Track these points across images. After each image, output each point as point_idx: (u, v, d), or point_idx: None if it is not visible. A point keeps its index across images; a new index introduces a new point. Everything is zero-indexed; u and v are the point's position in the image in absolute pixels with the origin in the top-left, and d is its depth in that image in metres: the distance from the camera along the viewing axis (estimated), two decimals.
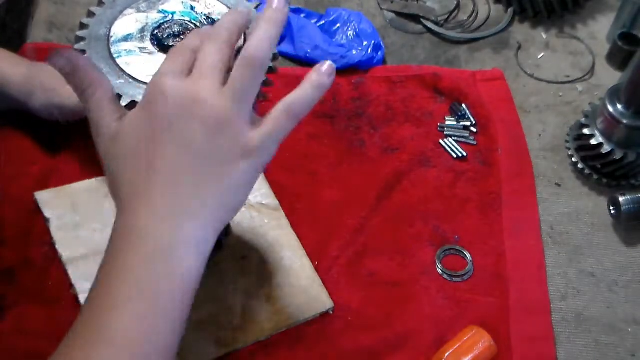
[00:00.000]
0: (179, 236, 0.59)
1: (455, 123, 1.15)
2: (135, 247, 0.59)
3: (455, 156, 1.11)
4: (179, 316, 0.60)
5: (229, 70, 0.61)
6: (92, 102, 0.62)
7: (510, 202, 1.07)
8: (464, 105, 1.17)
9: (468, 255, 1.00)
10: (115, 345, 0.57)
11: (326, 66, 0.63)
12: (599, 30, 1.32)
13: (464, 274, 0.99)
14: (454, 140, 1.13)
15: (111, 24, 0.67)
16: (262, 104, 0.70)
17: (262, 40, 0.60)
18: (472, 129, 1.15)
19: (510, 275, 0.99)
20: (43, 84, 0.97)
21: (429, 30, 1.31)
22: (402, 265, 1.00)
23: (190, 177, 0.59)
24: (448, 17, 1.34)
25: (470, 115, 1.16)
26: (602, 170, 1.08)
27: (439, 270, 0.99)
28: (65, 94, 0.97)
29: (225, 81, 0.60)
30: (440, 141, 1.13)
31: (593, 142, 1.06)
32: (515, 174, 1.10)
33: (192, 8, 0.70)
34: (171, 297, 0.59)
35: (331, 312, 0.94)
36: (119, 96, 0.63)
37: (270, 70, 0.67)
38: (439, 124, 1.15)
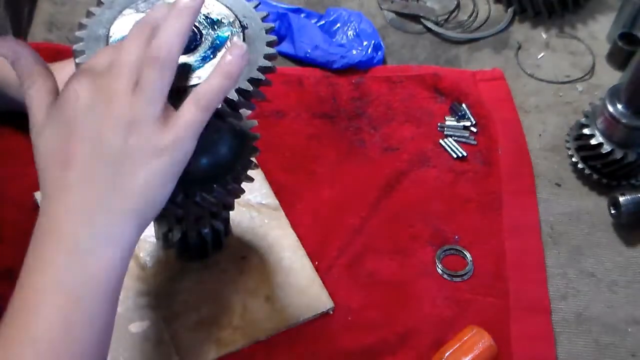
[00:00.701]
0: (92, 232, 0.59)
1: (455, 123, 1.15)
2: (50, 244, 0.59)
3: (455, 156, 1.11)
4: (103, 313, 0.60)
5: None
6: (28, 93, 0.63)
7: (510, 202, 1.07)
8: (464, 105, 1.17)
9: (468, 255, 1.00)
10: (36, 345, 0.57)
11: (235, 50, 0.60)
12: (599, 30, 1.32)
13: (464, 274, 0.99)
14: (454, 140, 1.13)
15: (110, 24, 0.67)
16: (260, 104, 0.70)
17: (167, 36, 0.58)
18: (472, 129, 1.15)
19: (510, 275, 0.99)
20: None
21: (429, 30, 1.30)
22: (402, 265, 1.00)
23: (102, 175, 0.59)
24: (448, 17, 1.34)
25: (470, 115, 1.16)
26: (602, 170, 1.08)
27: (439, 270, 0.99)
28: None
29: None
30: (440, 141, 1.13)
31: (593, 142, 1.06)
32: (515, 174, 1.10)
33: None
34: (90, 294, 0.59)
35: (331, 312, 0.94)
36: None
37: (269, 70, 0.67)
38: (438, 124, 1.15)
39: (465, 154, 1.11)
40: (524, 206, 1.07)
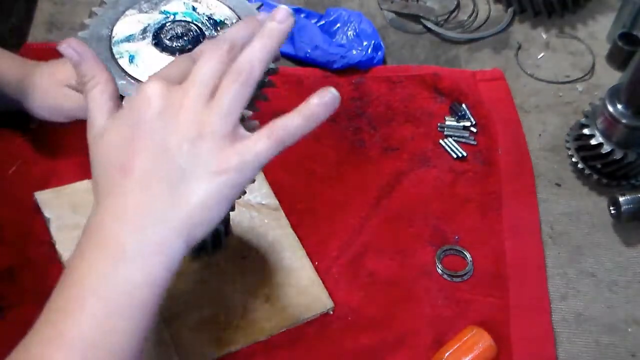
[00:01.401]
0: (141, 241, 0.58)
1: (455, 123, 1.15)
2: (98, 248, 0.58)
3: (455, 156, 1.11)
4: (140, 323, 0.59)
5: None
6: (90, 95, 0.62)
7: (510, 202, 1.07)
8: (464, 105, 1.17)
9: (468, 255, 1.00)
10: (70, 347, 0.56)
11: (325, 96, 0.59)
12: (599, 30, 1.32)
13: (464, 274, 0.99)
14: (454, 140, 1.13)
15: (113, 24, 0.67)
16: (261, 105, 0.70)
17: (256, 54, 0.57)
18: (472, 129, 1.15)
19: (510, 275, 0.99)
20: (39, 85, 0.97)
21: (429, 30, 1.30)
22: (402, 265, 1.00)
23: (161, 185, 0.57)
24: (448, 17, 1.34)
25: (470, 115, 1.16)
26: (602, 170, 1.08)
27: (439, 271, 0.99)
28: (60, 95, 0.97)
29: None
30: (440, 141, 1.13)
31: (593, 142, 1.06)
32: (515, 174, 1.10)
33: (194, 9, 0.70)
34: (131, 303, 0.58)
35: (331, 312, 0.94)
36: (121, 97, 0.63)
37: (272, 71, 0.67)
38: (439, 124, 1.15)
39: (465, 154, 1.11)
40: (524, 206, 1.07)
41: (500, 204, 1.06)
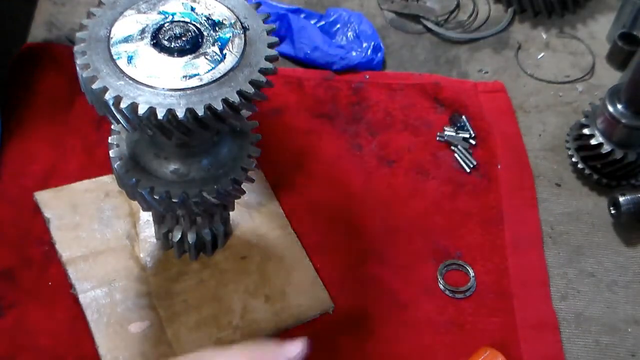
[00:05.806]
0: None
1: (454, 134, 1.14)
2: None
3: (467, 168, 1.09)
4: None
5: None
6: None
7: (512, 217, 1.05)
8: (464, 117, 1.16)
9: (471, 270, 0.99)
10: None
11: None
12: (599, 30, 1.32)
13: (466, 290, 0.97)
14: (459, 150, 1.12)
15: (111, 25, 0.67)
16: (261, 104, 0.70)
17: None
18: (471, 140, 1.13)
19: (514, 294, 0.97)
20: None
21: (429, 30, 1.30)
22: (404, 274, 0.98)
23: None
24: (448, 17, 1.34)
25: (469, 127, 1.14)
26: (602, 170, 1.08)
27: (441, 286, 0.97)
28: None
29: None
30: (452, 148, 1.11)
31: (593, 142, 1.06)
32: (516, 188, 1.09)
33: (193, 9, 0.70)
34: None
35: (331, 312, 0.94)
36: (119, 98, 0.63)
37: (271, 71, 0.67)
38: (438, 134, 1.14)
39: (475, 163, 1.10)
40: (525, 220, 1.05)
41: (501, 218, 1.05)
